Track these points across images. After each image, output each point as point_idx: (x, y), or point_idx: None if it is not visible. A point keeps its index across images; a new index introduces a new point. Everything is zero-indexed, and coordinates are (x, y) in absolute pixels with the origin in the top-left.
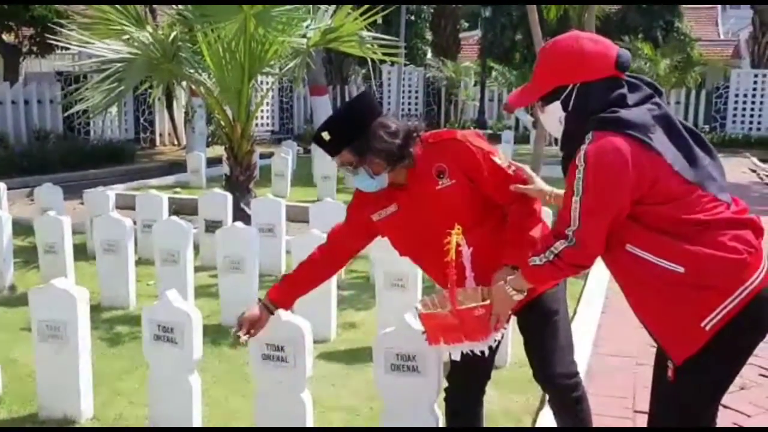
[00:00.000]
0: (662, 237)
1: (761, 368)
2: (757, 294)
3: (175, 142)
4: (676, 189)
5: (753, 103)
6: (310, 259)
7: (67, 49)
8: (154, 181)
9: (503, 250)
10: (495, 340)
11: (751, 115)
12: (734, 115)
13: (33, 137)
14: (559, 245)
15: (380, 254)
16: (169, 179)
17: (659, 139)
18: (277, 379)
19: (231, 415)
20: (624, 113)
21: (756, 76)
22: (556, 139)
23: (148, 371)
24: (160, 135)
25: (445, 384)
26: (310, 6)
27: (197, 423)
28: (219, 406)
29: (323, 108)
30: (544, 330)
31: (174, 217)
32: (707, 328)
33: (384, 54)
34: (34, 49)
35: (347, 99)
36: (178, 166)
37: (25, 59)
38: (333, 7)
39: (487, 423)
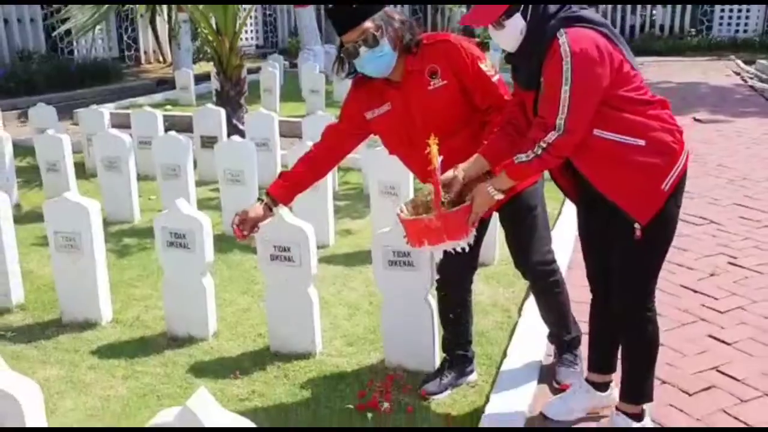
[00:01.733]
0: (624, 117)
1: (731, 257)
2: (687, 159)
3: (161, 59)
4: (629, 73)
5: (740, 5)
6: (306, 157)
7: None
8: (142, 99)
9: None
10: (473, 235)
11: (738, 17)
12: (721, 18)
13: (16, 58)
14: (550, 137)
15: (372, 164)
16: (158, 97)
17: (612, 32)
18: (285, 277)
19: (242, 312)
20: (583, 12)
21: None
22: None
23: (162, 276)
24: (145, 52)
25: (436, 276)
26: None
27: (212, 321)
28: (230, 305)
29: (308, 18)
30: (523, 223)
31: (172, 132)
32: (666, 188)
33: None
34: None
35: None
36: (164, 84)
37: None
38: None
39: (477, 314)
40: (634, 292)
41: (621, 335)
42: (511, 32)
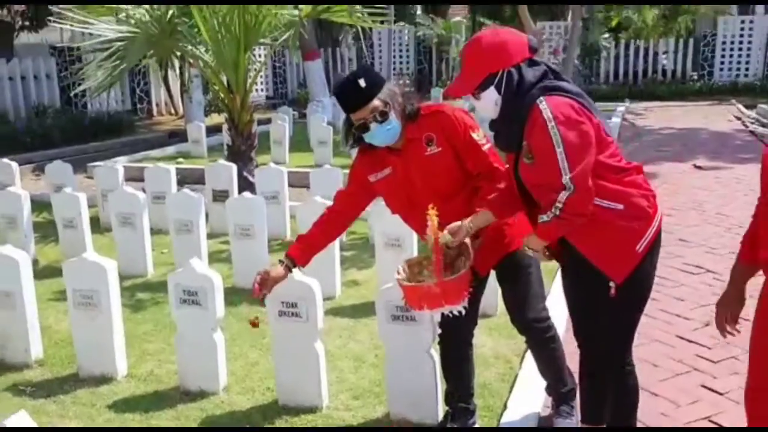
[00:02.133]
0: (603, 183)
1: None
2: (660, 221)
3: (172, 112)
4: (606, 139)
5: (740, 50)
6: (321, 220)
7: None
8: (155, 152)
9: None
10: (468, 301)
11: (738, 62)
12: (722, 63)
13: (32, 113)
14: (562, 197)
15: (378, 217)
16: (170, 150)
17: (588, 101)
18: (292, 332)
19: (251, 366)
20: (561, 84)
21: (743, 22)
22: None
23: (175, 332)
24: (157, 105)
25: (439, 330)
26: None
27: (223, 375)
28: (239, 358)
29: (316, 72)
30: (518, 281)
31: (186, 189)
32: (640, 249)
33: (374, 21)
34: (27, 24)
35: (339, 61)
36: (176, 136)
37: (18, 35)
38: None
39: (480, 365)
40: (610, 347)
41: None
42: (487, 103)
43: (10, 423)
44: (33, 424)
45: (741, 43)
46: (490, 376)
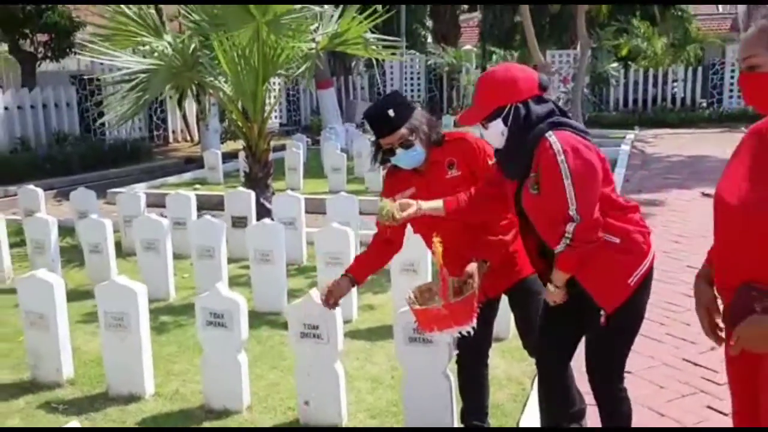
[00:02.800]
0: (604, 217)
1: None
2: (653, 259)
3: (188, 139)
4: (609, 177)
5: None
6: (373, 245)
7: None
8: (173, 179)
9: (480, 246)
10: (482, 323)
11: None
12: (731, 90)
13: (53, 140)
14: (569, 228)
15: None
16: (187, 176)
17: (590, 140)
18: (314, 353)
19: (273, 386)
20: (568, 120)
21: None
22: None
23: (198, 353)
24: (173, 132)
25: (456, 351)
26: (318, 12)
27: (246, 395)
28: (261, 379)
29: (329, 100)
30: (529, 307)
31: (207, 216)
32: (632, 283)
33: (393, 53)
34: (49, 54)
35: (352, 89)
36: (192, 162)
37: (40, 64)
38: (338, 12)
39: (493, 386)
40: (602, 373)
41: (600, 411)
42: (494, 133)
43: None
44: None
45: None
46: (502, 396)
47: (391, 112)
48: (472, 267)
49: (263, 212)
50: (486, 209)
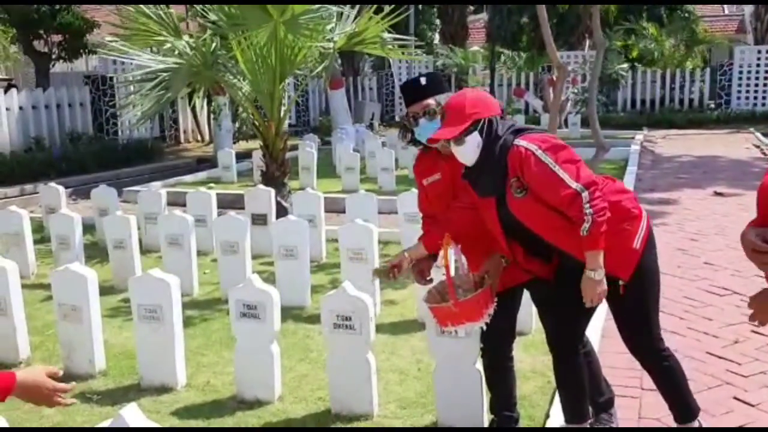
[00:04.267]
0: None
1: (754, 325)
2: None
3: (199, 139)
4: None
5: (757, 79)
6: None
7: (95, 53)
8: (188, 178)
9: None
10: (489, 316)
11: (755, 91)
12: (739, 92)
13: (66, 139)
14: (585, 198)
15: (414, 239)
16: (201, 175)
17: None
18: (346, 344)
19: (302, 377)
20: (528, 126)
21: (759, 52)
22: (565, 121)
23: (225, 346)
24: (184, 132)
25: (481, 344)
26: (335, 12)
27: (278, 385)
28: (290, 371)
29: (340, 100)
30: (552, 302)
31: (231, 212)
32: (637, 246)
33: (403, 53)
34: (63, 54)
35: (360, 90)
36: (204, 162)
37: (54, 65)
38: (355, 11)
39: (519, 379)
40: (639, 339)
41: (656, 381)
42: (470, 146)
43: (125, 415)
44: (143, 417)
45: (758, 72)
46: (529, 389)
47: (423, 80)
48: (490, 262)
49: (280, 210)
50: (464, 227)
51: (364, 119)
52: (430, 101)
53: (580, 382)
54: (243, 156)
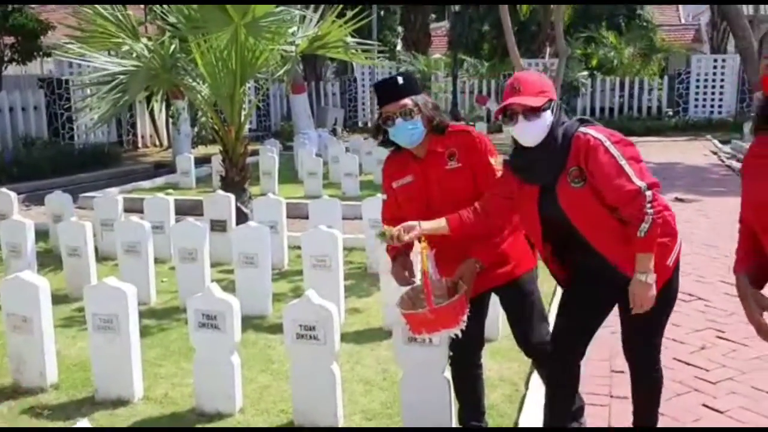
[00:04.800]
0: None
1: (719, 331)
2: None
3: (157, 143)
4: None
5: (713, 87)
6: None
7: (49, 55)
8: (145, 183)
9: (472, 246)
10: (464, 323)
11: (712, 99)
12: (696, 100)
13: (20, 144)
14: (648, 197)
15: (382, 246)
16: (159, 181)
17: None
18: (310, 354)
19: (263, 389)
20: (592, 122)
21: (716, 61)
22: None
23: (184, 357)
24: (142, 137)
25: (450, 353)
26: (297, 15)
27: (239, 397)
28: (251, 383)
29: (302, 105)
30: (523, 307)
31: (190, 218)
32: (670, 264)
33: (367, 57)
34: (16, 56)
35: (323, 95)
36: (163, 167)
37: (6, 67)
38: (318, 15)
39: (487, 387)
40: (646, 354)
41: (638, 388)
42: (540, 126)
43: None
44: None
45: (714, 80)
46: (496, 397)
47: (400, 80)
48: (464, 267)
49: (240, 216)
50: (499, 218)
51: (327, 124)
52: (407, 101)
53: (574, 387)
54: (202, 161)
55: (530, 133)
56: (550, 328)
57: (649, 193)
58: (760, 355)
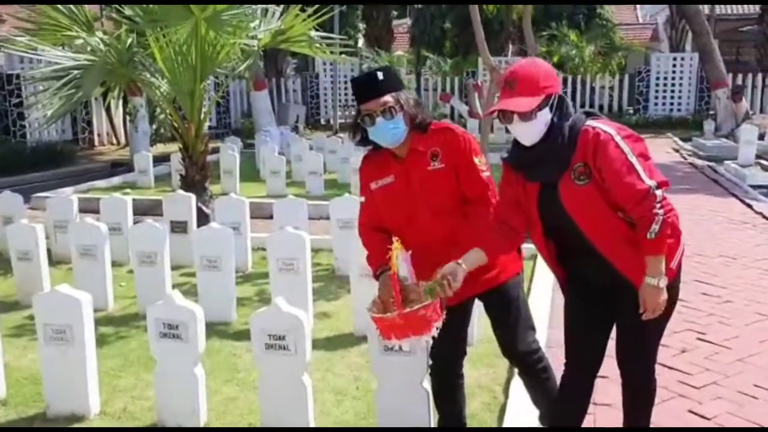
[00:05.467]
0: None
1: (699, 333)
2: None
3: (114, 141)
4: None
5: (673, 85)
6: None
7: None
8: (101, 183)
9: (453, 249)
10: (437, 329)
11: (672, 97)
12: (656, 97)
13: None
14: (658, 197)
15: (353, 247)
16: (116, 180)
17: None
18: (280, 365)
19: (230, 401)
20: (599, 116)
21: (675, 59)
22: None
23: (144, 367)
24: (99, 134)
25: (430, 362)
26: (259, 9)
27: (203, 411)
28: (215, 394)
29: (263, 102)
30: (508, 314)
31: (149, 220)
32: (674, 266)
33: (331, 52)
34: None
35: (284, 92)
36: (120, 166)
37: None
38: (281, 9)
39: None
40: (643, 362)
41: (632, 398)
42: (538, 125)
43: None
44: None
45: (674, 79)
46: (475, 406)
47: (380, 75)
48: (445, 271)
49: (201, 217)
50: (521, 226)
51: (289, 121)
52: (388, 98)
53: (581, 402)
54: (161, 159)
55: (527, 134)
56: (537, 336)
57: (659, 192)
58: (742, 358)
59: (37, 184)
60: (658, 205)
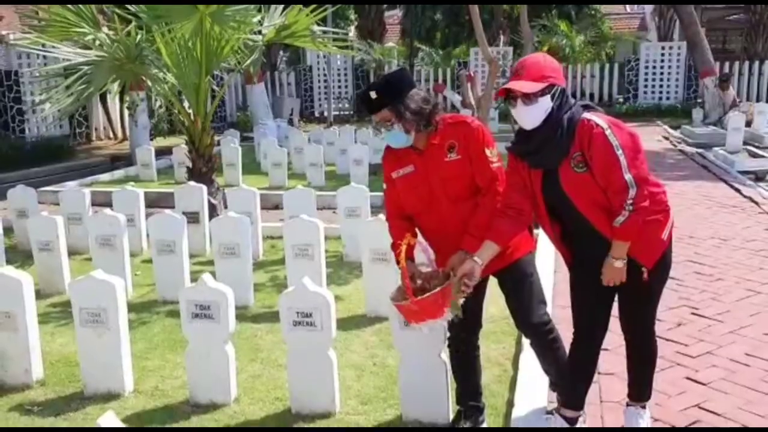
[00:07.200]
0: None
1: (693, 308)
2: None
3: (111, 136)
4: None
5: (662, 74)
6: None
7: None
8: (104, 176)
9: (463, 237)
10: (454, 314)
11: (660, 86)
12: (645, 86)
13: None
14: (631, 194)
15: (365, 233)
16: (119, 173)
17: None
18: (307, 341)
19: (255, 378)
20: (595, 105)
21: (663, 48)
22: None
23: (169, 349)
24: (96, 129)
25: (448, 334)
26: (262, 6)
27: (233, 387)
28: (242, 372)
29: (260, 95)
30: (522, 288)
31: (168, 211)
32: (665, 237)
33: (334, 46)
34: None
35: (279, 85)
36: (119, 161)
37: None
38: (282, 5)
39: None
40: (645, 324)
41: (637, 359)
42: (539, 109)
43: (103, 423)
44: (120, 424)
45: (662, 68)
46: (486, 378)
47: (373, 95)
48: (455, 258)
49: (208, 207)
50: (530, 212)
51: (284, 114)
52: (384, 113)
53: (590, 369)
54: (160, 153)
55: (527, 116)
56: (549, 309)
57: (633, 191)
58: (734, 330)
59: (38, 179)
60: (630, 201)
